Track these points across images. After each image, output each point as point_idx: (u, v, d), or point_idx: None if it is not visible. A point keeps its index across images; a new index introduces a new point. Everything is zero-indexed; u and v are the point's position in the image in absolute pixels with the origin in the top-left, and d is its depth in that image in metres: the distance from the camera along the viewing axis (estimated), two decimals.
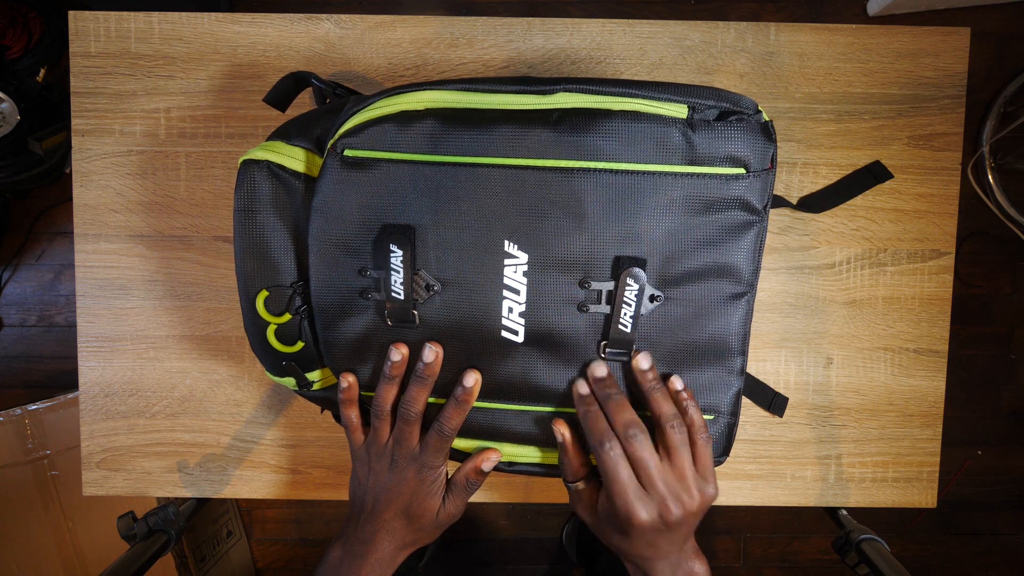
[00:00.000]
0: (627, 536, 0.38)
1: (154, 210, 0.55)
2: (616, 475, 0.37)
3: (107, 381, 0.56)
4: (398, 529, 0.43)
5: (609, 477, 0.37)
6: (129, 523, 0.57)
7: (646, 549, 0.39)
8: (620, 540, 0.39)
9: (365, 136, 0.38)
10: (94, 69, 0.54)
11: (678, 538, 0.39)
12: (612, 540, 0.40)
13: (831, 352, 0.57)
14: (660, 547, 0.39)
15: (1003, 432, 1.32)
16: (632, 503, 0.37)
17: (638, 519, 0.37)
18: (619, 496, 0.37)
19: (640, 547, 0.39)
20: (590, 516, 0.41)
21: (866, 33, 0.54)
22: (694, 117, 0.38)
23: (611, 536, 0.40)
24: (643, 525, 0.37)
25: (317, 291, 0.40)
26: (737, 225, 0.39)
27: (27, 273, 1.29)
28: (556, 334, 0.40)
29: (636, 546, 0.39)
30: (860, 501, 0.58)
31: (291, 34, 0.54)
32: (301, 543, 1.34)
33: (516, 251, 0.38)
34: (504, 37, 0.54)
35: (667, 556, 0.40)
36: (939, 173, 0.56)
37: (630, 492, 0.37)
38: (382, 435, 0.42)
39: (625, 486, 0.37)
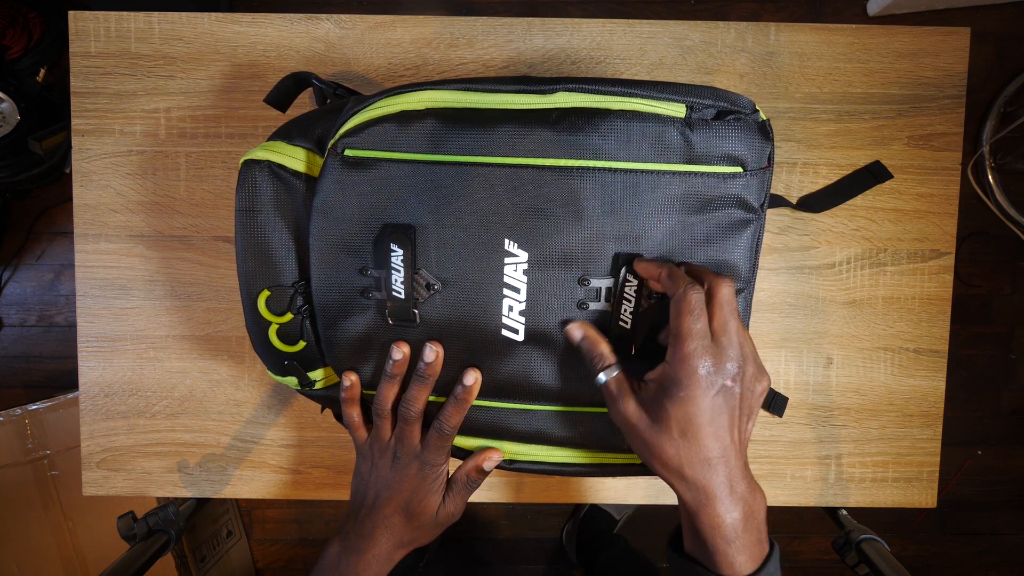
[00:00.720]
0: (687, 400, 0.34)
1: (154, 210, 0.55)
2: (697, 317, 0.34)
3: (107, 381, 0.56)
4: (397, 526, 0.43)
5: (688, 319, 0.34)
6: (129, 523, 0.57)
7: (709, 425, 0.34)
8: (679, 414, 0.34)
9: (366, 136, 0.38)
10: (94, 69, 0.54)
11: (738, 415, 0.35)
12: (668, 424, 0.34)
13: (831, 352, 0.57)
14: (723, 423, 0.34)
15: (1003, 432, 1.32)
16: (705, 346, 0.34)
17: (705, 362, 0.33)
18: (692, 338, 0.34)
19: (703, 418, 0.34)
20: (634, 406, 0.36)
21: (866, 33, 0.54)
22: (692, 116, 0.38)
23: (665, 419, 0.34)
24: (710, 372, 0.34)
25: (318, 290, 0.40)
26: (734, 223, 0.39)
27: (27, 273, 1.29)
28: (556, 332, 0.40)
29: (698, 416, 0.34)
30: (860, 501, 0.58)
31: (291, 34, 0.54)
32: (301, 543, 1.34)
33: (516, 250, 0.39)
34: (504, 37, 0.54)
35: (728, 455, 0.34)
36: (939, 173, 0.56)
37: (705, 336, 0.34)
38: (384, 433, 0.43)
39: (702, 330, 0.34)
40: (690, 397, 0.34)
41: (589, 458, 0.44)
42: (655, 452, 0.35)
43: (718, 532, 0.34)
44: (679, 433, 0.34)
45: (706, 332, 0.34)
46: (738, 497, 0.35)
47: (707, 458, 0.34)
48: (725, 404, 0.34)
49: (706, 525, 0.34)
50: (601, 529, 1.21)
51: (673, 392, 0.34)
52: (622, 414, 0.36)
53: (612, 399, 0.37)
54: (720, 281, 0.36)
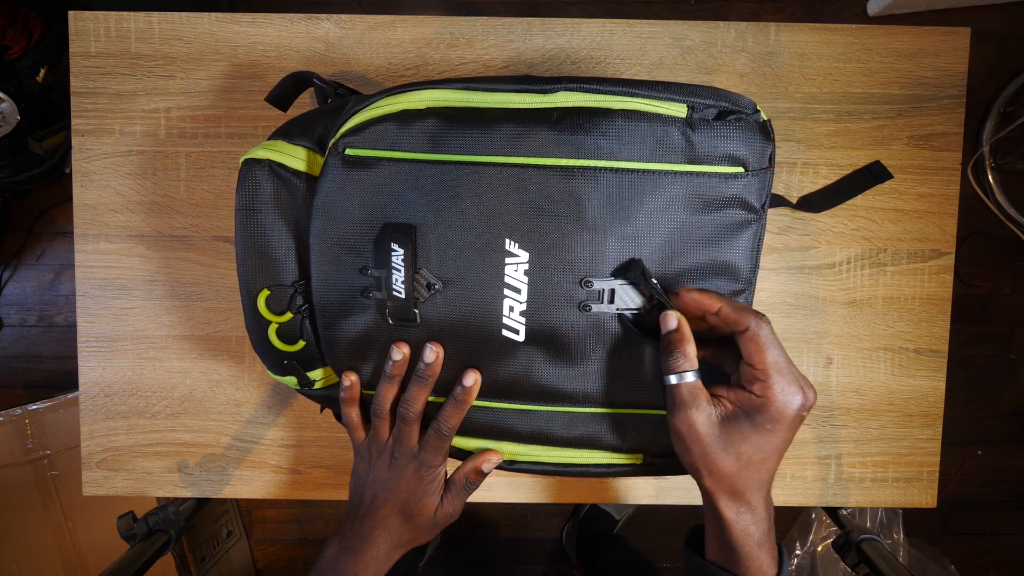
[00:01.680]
0: (770, 432, 0.35)
1: (154, 210, 0.55)
2: (778, 352, 0.35)
3: (107, 381, 0.56)
4: (395, 526, 0.43)
5: (770, 354, 0.35)
6: (129, 523, 0.57)
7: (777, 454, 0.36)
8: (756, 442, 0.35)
9: (366, 135, 0.38)
10: (94, 69, 0.54)
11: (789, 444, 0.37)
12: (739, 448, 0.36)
13: (831, 352, 0.57)
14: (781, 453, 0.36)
15: (1003, 432, 1.32)
16: (794, 381, 0.35)
17: (798, 401, 0.35)
18: (782, 375, 0.35)
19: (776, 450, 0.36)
20: (706, 420, 0.36)
21: (866, 33, 0.54)
22: (693, 116, 0.38)
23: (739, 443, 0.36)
24: (802, 407, 0.35)
25: (318, 290, 0.40)
26: (735, 223, 0.39)
27: (27, 273, 1.29)
28: (557, 333, 0.40)
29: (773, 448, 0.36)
30: (860, 501, 0.58)
31: (291, 34, 0.54)
32: (301, 543, 1.34)
33: (517, 250, 0.39)
34: (504, 37, 0.54)
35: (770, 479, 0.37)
36: (939, 173, 0.56)
37: (791, 372, 0.35)
38: (382, 434, 0.43)
39: (787, 365, 0.35)
40: (777, 431, 0.35)
41: (589, 458, 0.44)
42: (711, 466, 0.36)
43: (751, 539, 0.37)
44: (748, 459, 0.36)
45: (787, 366, 0.35)
46: (768, 509, 0.38)
47: (760, 480, 0.37)
48: (793, 435, 0.37)
49: (739, 533, 0.37)
50: (601, 529, 1.21)
51: (760, 423, 0.35)
52: (689, 422, 0.36)
53: (681, 403, 0.37)
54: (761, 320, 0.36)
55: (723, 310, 0.37)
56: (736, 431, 0.36)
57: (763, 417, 0.35)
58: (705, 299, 0.38)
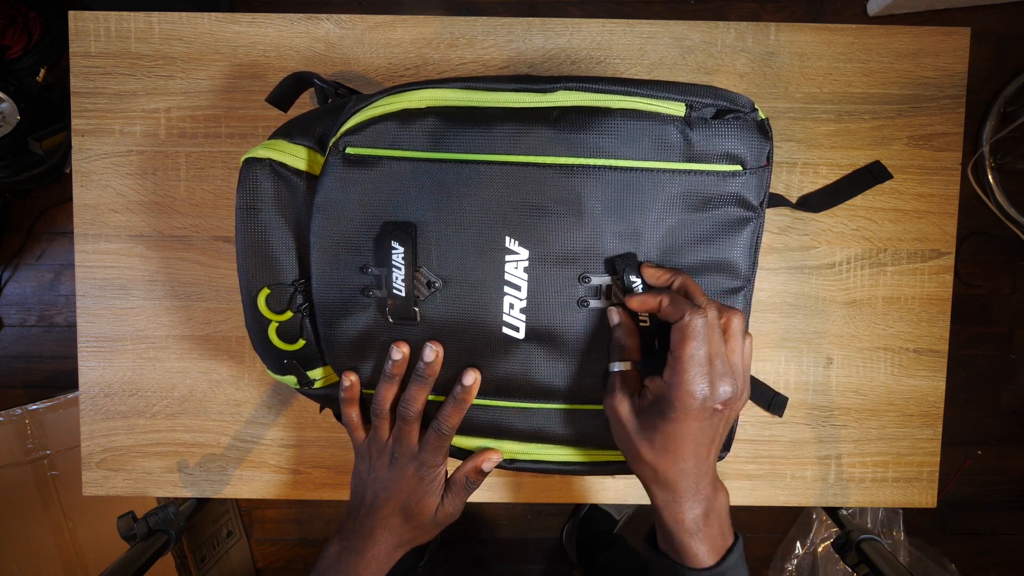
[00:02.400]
0: (675, 420, 0.35)
1: (154, 210, 0.55)
2: (698, 343, 0.35)
3: (107, 381, 0.56)
4: (396, 526, 0.43)
5: (689, 344, 0.35)
6: (129, 523, 0.57)
7: (688, 443, 0.36)
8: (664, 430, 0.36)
9: (367, 134, 0.38)
10: (94, 69, 0.54)
11: (716, 434, 0.37)
12: (651, 436, 0.37)
13: (831, 352, 0.57)
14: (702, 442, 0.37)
15: (1003, 432, 1.32)
16: (699, 373, 0.35)
17: (700, 390, 0.35)
18: (690, 365, 0.35)
19: (686, 438, 0.36)
20: (628, 406, 0.38)
21: (866, 33, 0.54)
22: (692, 115, 0.38)
23: (651, 430, 0.37)
24: (705, 400, 0.35)
25: (319, 289, 0.40)
26: (734, 221, 0.39)
27: (27, 273, 1.29)
28: (557, 330, 0.40)
29: (681, 436, 0.36)
30: (860, 501, 0.58)
31: (291, 34, 0.54)
32: (301, 543, 1.34)
33: (517, 247, 0.39)
34: (504, 37, 0.54)
35: (700, 467, 0.37)
36: (939, 173, 0.56)
37: (702, 363, 0.35)
38: (382, 433, 0.43)
39: (700, 356, 0.35)
40: (680, 419, 0.36)
41: (589, 456, 0.44)
42: (633, 451, 0.38)
43: (681, 526, 0.37)
44: (661, 446, 0.37)
45: (705, 360, 0.35)
46: (702, 497, 0.38)
47: (681, 468, 0.37)
48: (711, 426, 0.37)
49: (670, 520, 0.38)
50: (601, 529, 1.21)
51: (666, 412, 0.36)
52: (614, 409, 0.38)
53: (611, 389, 0.39)
54: (732, 314, 0.37)
55: (663, 304, 0.37)
56: (649, 419, 0.37)
57: (667, 405, 0.36)
58: (649, 299, 0.37)
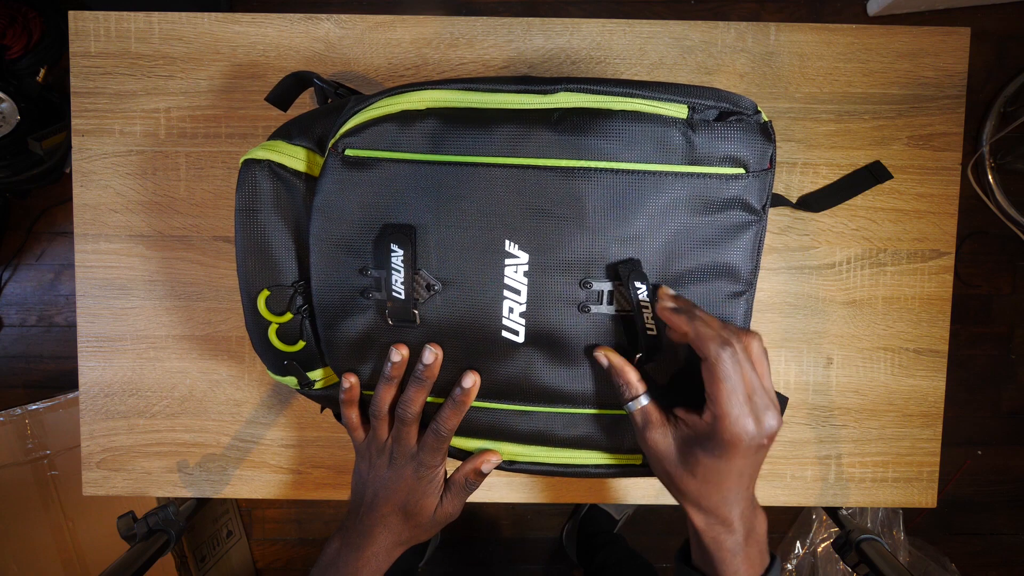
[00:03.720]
0: (722, 459, 0.35)
1: (154, 210, 0.55)
2: (735, 382, 0.34)
3: (107, 381, 0.56)
4: (395, 525, 0.43)
5: (726, 385, 0.34)
6: (129, 523, 0.57)
7: (737, 478, 0.36)
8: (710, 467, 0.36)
9: (366, 136, 0.38)
10: (94, 69, 0.54)
11: (759, 464, 0.37)
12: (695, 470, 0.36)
13: (831, 352, 0.57)
14: (747, 474, 0.36)
15: (1003, 432, 1.32)
16: (747, 412, 0.34)
17: (750, 430, 0.34)
18: (735, 405, 0.34)
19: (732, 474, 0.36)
20: (666, 442, 0.37)
21: (866, 33, 0.54)
22: (694, 117, 0.38)
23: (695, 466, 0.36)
24: (754, 438, 0.34)
25: (318, 290, 0.40)
26: (736, 225, 0.39)
27: (27, 273, 1.29)
28: (557, 334, 0.40)
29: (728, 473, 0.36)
30: (860, 501, 0.58)
31: (291, 34, 0.54)
32: (301, 543, 1.34)
33: (517, 251, 0.39)
34: (504, 37, 0.54)
35: (744, 493, 0.37)
36: (939, 173, 0.56)
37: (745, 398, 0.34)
38: (381, 434, 0.43)
39: (741, 395, 0.34)
40: (727, 457, 0.35)
41: (589, 458, 0.44)
42: (675, 482, 0.38)
43: (722, 547, 0.37)
44: (703, 478, 0.37)
45: (745, 397, 0.35)
46: (744, 521, 0.38)
47: (724, 497, 0.37)
48: (757, 460, 0.37)
49: (711, 542, 0.38)
50: (601, 529, 1.21)
51: (711, 448, 0.36)
52: (653, 444, 0.38)
53: (638, 427, 0.39)
54: (750, 339, 0.36)
55: (690, 336, 0.36)
56: (691, 453, 0.37)
57: (713, 444, 0.35)
58: (676, 320, 0.36)
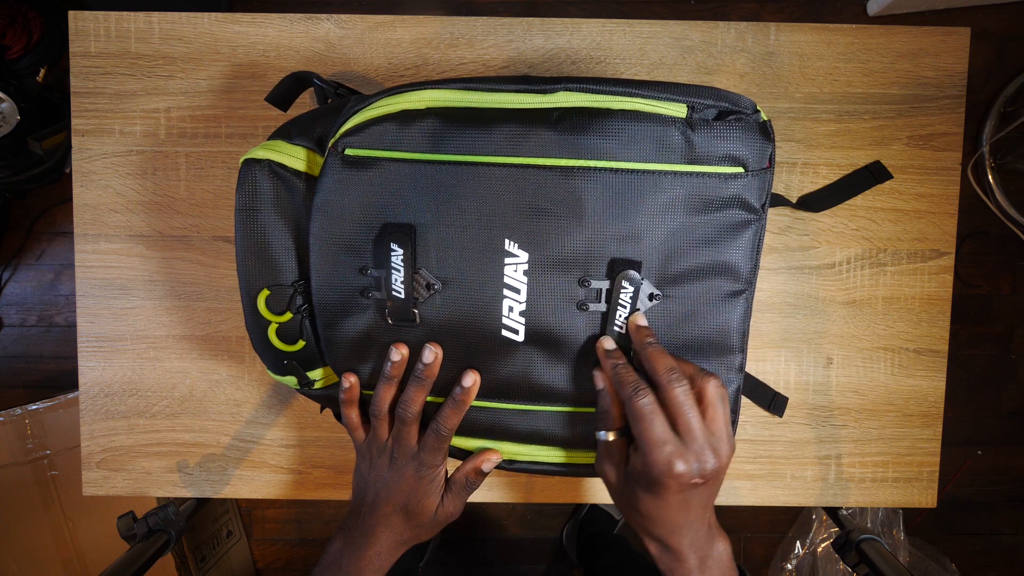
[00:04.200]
0: (658, 496, 0.36)
1: (154, 210, 0.55)
2: (652, 423, 0.35)
3: (107, 381, 0.56)
4: (396, 524, 0.43)
5: (645, 427, 0.35)
6: (129, 523, 0.57)
7: (677, 513, 0.37)
8: (648, 503, 0.37)
9: (366, 135, 0.38)
10: (94, 69, 0.54)
11: (707, 499, 0.38)
12: (638, 505, 0.38)
13: (831, 352, 0.57)
14: (692, 509, 0.37)
15: (1003, 432, 1.32)
16: (672, 453, 0.35)
17: (676, 470, 0.35)
18: (656, 446, 0.35)
19: (671, 509, 0.37)
20: (616, 475, 0.39)
21: (866, 33, 0.54)
22: (693, 116, 0.38)
23: (637, 501, 0.38)
24: (680, 477, 0.35)
25: (318, 290, 0.40)
26: (735, 224, 0.39)
27: (27, 273, 1.29)
28: (556, 333, 0.40)
29: (666, 508, 0.37)
30: (860, 501, 0.58)
31: (291, 34, 0.54)
32: (301, 543, 1.34)
33: (516, 250, 0.39)
34: (504, 37, 0.54)
35: (693, 524, 0.38)
36: (939, 173, 0.56)
37: (669, 442, 0.35)
38: (381, 434, 0.43)
39: (663, 436, 0.35)
40: (659, 494, 0.36)
41: (589, 458, 0.44)
42: (625, 512, 0.40)
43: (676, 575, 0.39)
44: (644, 513, 0.38)
45: (667, 434, 0.36)
46: (696, 550, 0.38)
47: (671, 529, 0.38)
48: (698, 495, 0.37)
49: (667, 570, 0.39)
50: (601, 529, 1.21)
51: (646, 486, 0.37)
52: (603, 475, 0.40)
53: (599, 457, 0.41)
54: (705, 381, 0.37)
55: (610, 380, 0.38)
56: (632, 488, 0.38)
57: (645, 480, 0.36)
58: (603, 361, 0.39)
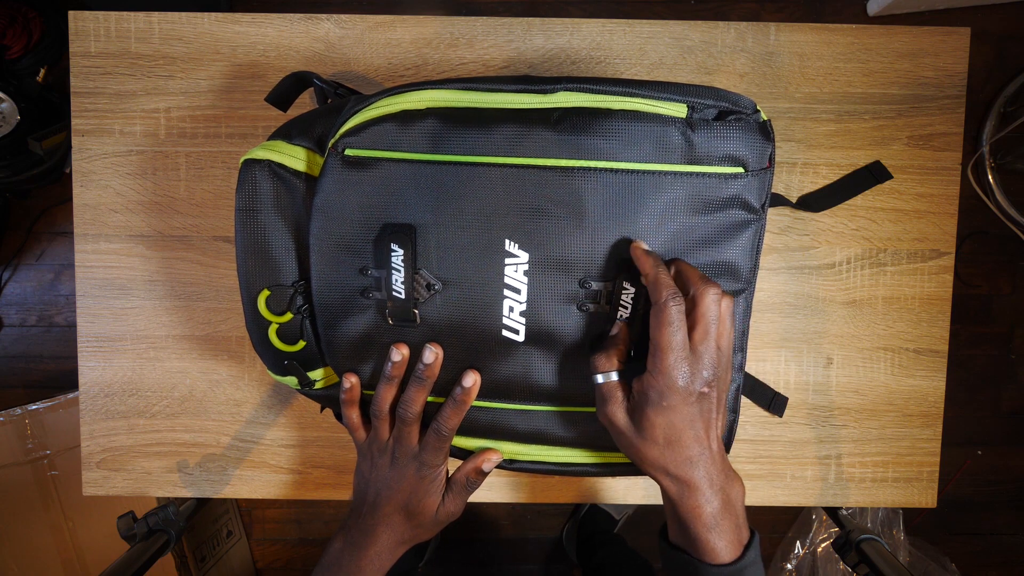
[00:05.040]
0: (669, 409, 0.36)
1: (154, 210, 0.55)
2: (679, 330, 0.35)
3: (107, 381, 0.56)
4: (397, 524, 0.43)
5: (671, 332, 0.35)
6: (129, 523, 0.57)
7: (688, 428, 0.36)
8: (659, 420, 0.36)
9: (366, 135, 0.38)
10: (94, 69, 0.54)
11: (714, 412, 0.37)
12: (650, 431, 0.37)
13: (831, 352, 0.57)
14: (700, 422, 0.37)
15: (1003, 432, 1.32)
16: (686, 358, 0.35)
17: (688, 375, 0.35)
18: (674, 350, 0.35)
19: (683, 421, 0.36)
20: (622, 411, 0.38)
21: (866, 33, 0.54)
22: (693, 116, 0.38)
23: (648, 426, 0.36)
24: (693, 382, 0.35)
25: (318, 290, 0.40)
26: (735, 224, 0.39)
27: (27, 273, 1.29)
28: (557, 333, 0.40)
29: (678, 421, 0.36)
30: (860, 501, 0.58)
31: (291, 34, 0.54)
32: (301, 543, 1.34)
33: (517, 250, 0.39)
34: (504, 37, 0.54)
35: (705, 451, 0.37)
36: (939, 173, 0.56)
37: (685, 348, 0.35)
38: (382, 434, 0.43)
39: (682, 342, 0.35)
40: (671, 407, 0.36)
41: (589, 457, 0.45)
42: (640, 455, 0.38)
43: (699, 520, 0.37)
44: (663, 440, 0.37)
45: (685, 343, 0.36)
46: (717, 488, 0.37)
47: (688, 457, 0.37)
48: (702, 409, 0.37)
49: (688, 514, 0.37)
50: (601, 529, 1.21)
51: (655, 401, 0.36)
52: (608, 417, 0.39)
53: (600, 400, 0.39)
54: (704, 289, 0.36)
55: (649, 278, 0.37)
56: (644, 415, 0.37)
57: (656, 393, 0.36)
58: (644, 262, 0.37)
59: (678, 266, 0.38)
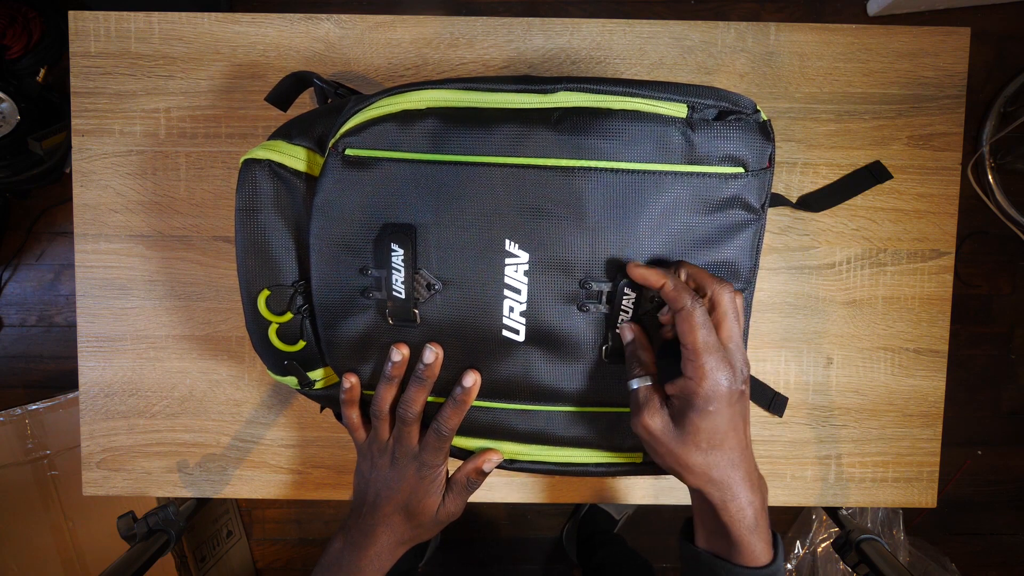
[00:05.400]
0: (714, 413, 0.35)
1: (154, 210, 0.55)
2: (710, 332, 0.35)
3: (107, 381, 0.56)
4: (397, 524, 0.43)
5: (704, 334, 0.35)
6: (129, 523, 0.57)
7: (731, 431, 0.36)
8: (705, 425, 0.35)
9: (366, 135, 0.38)
10: (94, 69, 0.54)
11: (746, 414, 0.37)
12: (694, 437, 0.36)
13: (831, 352, 0.57)
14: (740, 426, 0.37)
15: (1003, 432, 1.32)
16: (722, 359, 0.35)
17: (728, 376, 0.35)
18: (710, 352, 0.35)
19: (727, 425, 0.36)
20: (660, 418, 0.37)
21: (866, 33, 0.54)
22: (694, 116, 0.38)
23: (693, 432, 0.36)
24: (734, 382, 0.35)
25: (318, 290, 0.40)
26: (735, 223, 0.39)
27: (27, 273, 1.29)
28: (557, 333, 0.40)
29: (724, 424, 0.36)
30: (860, 501, 0.58)
31: (291, 34, 0.54)
32: (301, 543, 1.34)
33: (517, 250, 0.39)
34: (504, 37, 0.54)
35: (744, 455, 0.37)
36: (939, 173, 0.56)
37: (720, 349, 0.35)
38: (382, 434, 0.43)
39: (716, 343, 0.35)
40: (718, 411, 0.35)
41: (589, 457, 0.44)
42: (681, 462, 0.37)
43: (743, 523, 0.36)
44: (707, 444, 0.36)
45: (718, 344, 0.36)
46: (755, 487, 0.37)
47: (731, 460, 0.37)
48: (742, 408, 0.37)
49: (731, 518, 0.36)
50: (601, 529, 1.21)
51: (700, 406, 0.35)
52: (645, 425, 0.37)
53: (636, 408, 0.38)
54: (721, 289, 0.36)
55: (666, 288, 0.37)
56: (686, 422, 0.36)
57: (700, 399, 0.35)
58: (651, 276, 0.37)
59: (687, 269, 0.38)
